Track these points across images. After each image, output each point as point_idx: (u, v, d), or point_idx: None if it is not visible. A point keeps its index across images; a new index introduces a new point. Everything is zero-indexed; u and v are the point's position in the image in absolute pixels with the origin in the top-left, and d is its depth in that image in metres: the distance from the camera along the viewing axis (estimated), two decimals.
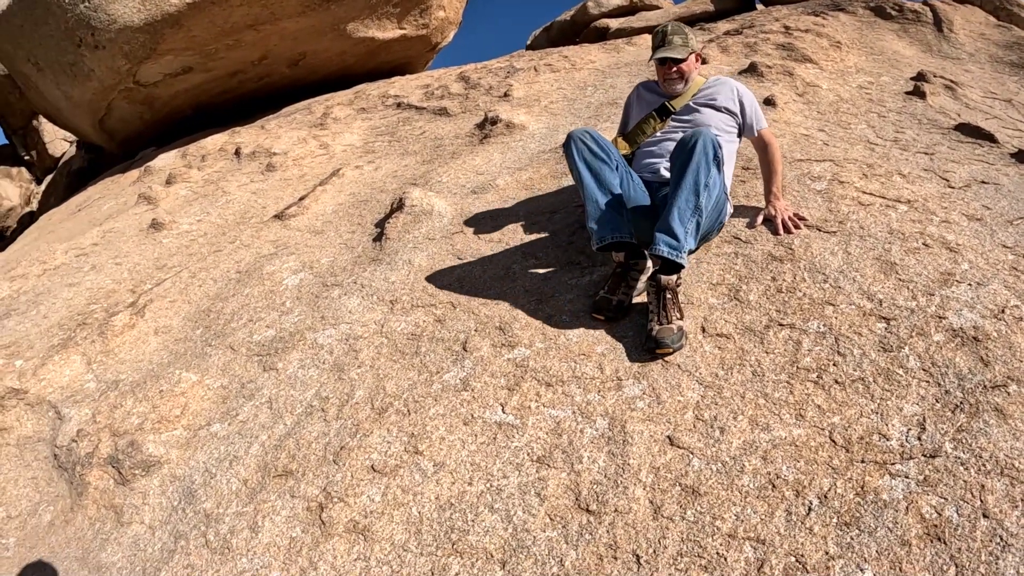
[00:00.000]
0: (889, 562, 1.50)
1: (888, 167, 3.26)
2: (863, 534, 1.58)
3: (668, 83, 3.06)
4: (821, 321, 2.27)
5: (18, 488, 2.72)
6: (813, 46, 5.29)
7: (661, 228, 2.46)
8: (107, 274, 4.22)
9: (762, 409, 1.98)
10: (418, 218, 3.66)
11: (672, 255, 2.40)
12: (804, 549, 1.57)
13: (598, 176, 2.68)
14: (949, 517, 1.57)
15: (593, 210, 2.63)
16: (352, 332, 2.88)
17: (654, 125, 3.10)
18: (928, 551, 1.51)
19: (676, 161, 2.52)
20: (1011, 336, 2.05)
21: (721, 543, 1.63)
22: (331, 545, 1.97)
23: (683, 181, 2.45)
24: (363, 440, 2.27)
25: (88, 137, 9.34)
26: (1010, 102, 4.61)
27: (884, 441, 1.80)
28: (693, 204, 2.44)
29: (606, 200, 2.63)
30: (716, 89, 3.07)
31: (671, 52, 2.94)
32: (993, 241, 2.57)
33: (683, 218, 2.43)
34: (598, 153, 2.71)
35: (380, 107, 6.42)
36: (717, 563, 1.59)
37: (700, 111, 3.03)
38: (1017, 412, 1.79)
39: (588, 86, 5.55)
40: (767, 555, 1.58)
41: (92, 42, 6.69)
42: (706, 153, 2.44)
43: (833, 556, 1.54)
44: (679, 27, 3.01)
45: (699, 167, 2.43)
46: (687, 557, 1.62)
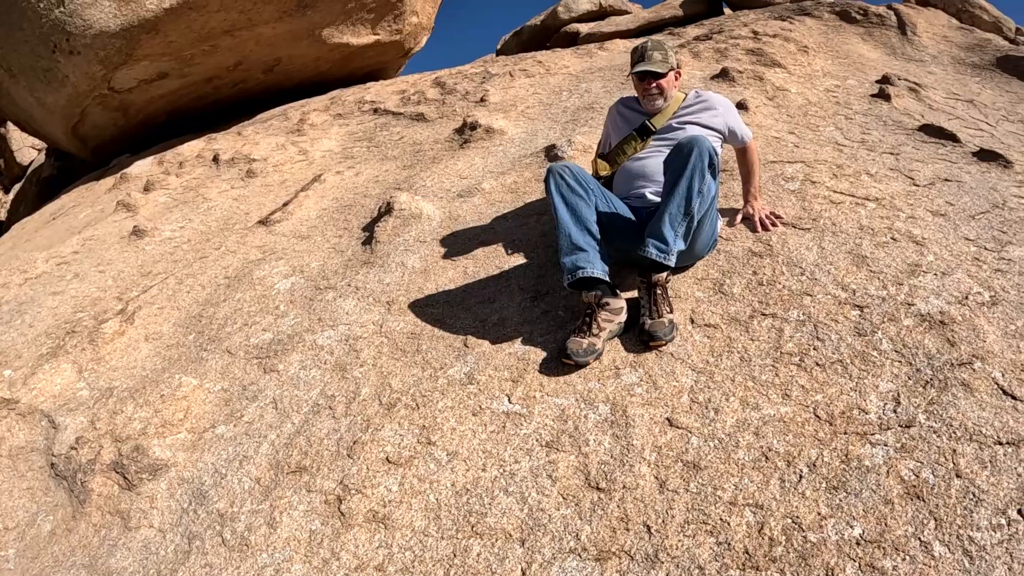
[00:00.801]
0: (875, 519, 1.72)
1: (856, 167, 3.53)
2: (850, 496, 1.79)
3: (648, 99, 3.10)
4: (800, 310, 2.50)
5: (13, 499, 2.73)
6: (782, 51, 5.60)
7: (651, 232, 2.56)
8: (91, 282, 4.27)
9: (751, 390, 2.20)
10: (407, 222, 3.81)
11: (660, 258, 2.53)
12: (799, 511, 1.78)
13: (574, 211, 2.70)
14: (926, 478, 1.79)
15: (566, 243, 2.66)
16: (351, 333, 3.02)
17: (635, 145, 3.14)
18: (909, 508, 1.73)
19: (671, 166, 2.59)
20: (974, 319, 2.29)
21: (723, 510, 1.83)
22: (352, 535, 2.09)
23: (677, 187, 2.53)
24: (376, 434, 2.41)
25: (61, 144, 9.28)
26: (972, 102, 4.94)
27: (863, 415, 2.02)
28: (684, 210, 2.53)
29: (580, 235, 2.65)
30: (698, 106, 3.12)
31: (651, 66, 3.00)
32: (956, 235, 2.84)
33: (673, 223, 2.53)
34: (575, 188, 2.74)
35: (357, 113, 6.56)
36: (721, 527, 1.79)
37: (683, 129, 3.06)
38: (982, 386, 2.03)
39: (563, 91, 5.78)
40: (766, 518, 1.78)
41: (67, 47, 6.70)
42: (702, 159, 2.51)
43: (825, 516, 1.75)
44: (659, 43, 3.09)
45: (694, 173, 2.51)
46: (693, 524, 1.82)
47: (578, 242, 2.63)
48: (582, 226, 2.66)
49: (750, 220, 3.07)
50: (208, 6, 6.64)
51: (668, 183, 2.59)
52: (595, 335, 2.51)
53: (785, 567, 1.66)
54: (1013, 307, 2.35)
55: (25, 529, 2.58)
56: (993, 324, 2.27)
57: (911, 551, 1.63)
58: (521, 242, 3.39)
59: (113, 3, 6.33)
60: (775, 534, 1.74)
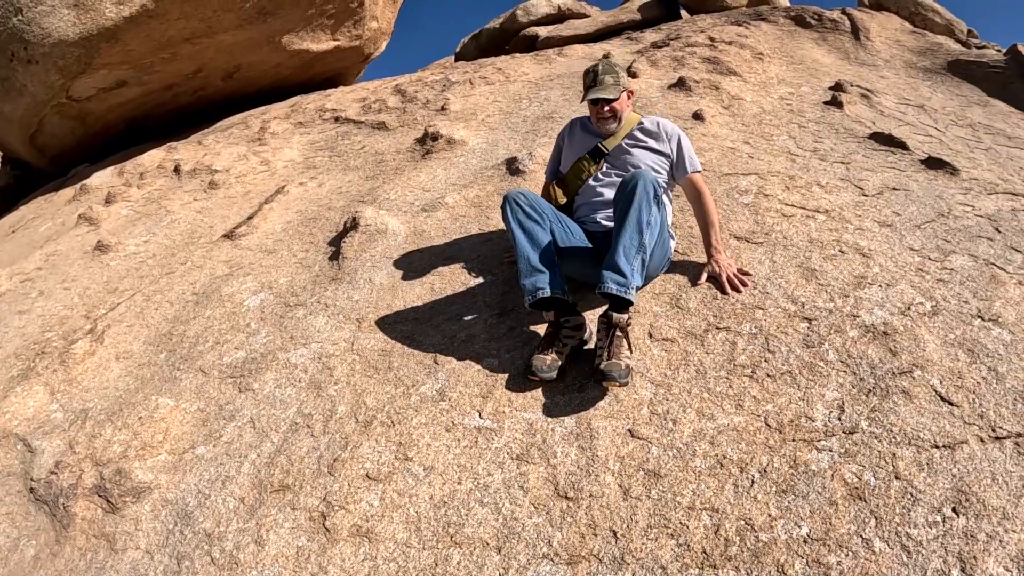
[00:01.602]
0: (821, 519, 1.94)
1: (808, 178, 3.78)
2: (798, 498, 2.01)
3: (601, 123, 3.23)
4: (753, 323, 2.72)
5: None
6: (737, 59, 5.86)
7: (608, 266, 2.63)
8: (57, 299, 4.34)
9: (707, 402, 2.41)
10: (373, 237, 3.96)
11: (620, 291, 2.57)
12: (751, 513, 2.00)
13: (531, 236, 2.85)
14: (867, 480, 2.01)
15: (525, 267, 2.79)
16: (324, 351, 3.17)
17: (588, 168, 3.26)
18: (852, 508, 1.95)
19: (618, 203, 2.72)
20: (916, 329, 2.53)
21: (683, 514, 2.04)
22: (338, 549, 2.25)
23: (627, 220, 2.64)
24: (354, 451, 2.57)
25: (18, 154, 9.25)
26: (922, 107, 5.25)
27: (810, 423, 2.25)
28: (637, 242, 2.64)
29: (537, 258, 2.79)
30: (649, 130, 3.24)
31: (603, 92, 3.11)
32: (902, 245, 3.09)
33: (628, 255, 2.62)
34: (531, 214, 2.88)
35: (318, 121, 6.67)
36: (681, 530, 2.00)
37: (631, 153, 3.20)
38: (921, 393, 2.26)
39: (523, 99, 5.97)
40: (722, 520, 2.00)
41: (25, 56, 6.72)
42: (647, 192, 2.64)
43: (775, 517, 1.97)
44: (610, 66, 3.19)
45: (640, 206, 2.63)
46: (656, 528, 2.02)
47: (536, 265, 2.77)
48: (539, 250, 2.82)
49: (716, 280, 3.02)
50: (168, 14, 6.72)
51: (618, 218, 2.70)
52: (558, 351, 2.66)
53: (740, 565, 1.87)
54: (953, 316, 2.59)
55: (8, 554, 2.64)
56: (933, 334, 2.51)
57: (854, 547, 1.85)
58: (486, 258, 3.57)
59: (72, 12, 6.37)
60: (730, 535, 1.95)
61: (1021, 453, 2.01)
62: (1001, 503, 1.88)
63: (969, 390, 2.26)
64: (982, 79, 5.90)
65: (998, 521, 1.83)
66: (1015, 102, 5.50)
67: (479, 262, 3.55)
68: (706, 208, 3.10)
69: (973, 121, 5.05)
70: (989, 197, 3.56)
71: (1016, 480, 1.93)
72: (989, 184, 3.74)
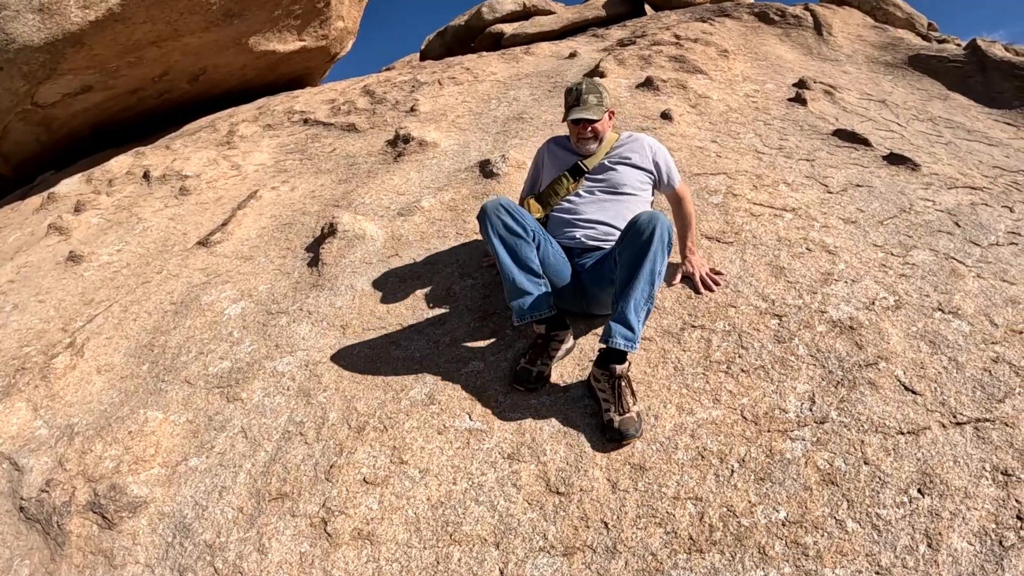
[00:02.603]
0: (797, 503, 2.15)
1: (775, 176, 4.01)
2: (775, 485, 2.22)
3: (582, 143, 3.24)
4: (726, 321, 2.93)
5: None
6: (703, 56, 6.09)
7: (618, 319, 2.57)
8: (32, 313, 4.39)
9: (685, 397, 2.62)
10: (351, 243, 4.10)
11: (628, 347, 2.55)
12: (732, 500, 2.20)
13: (514, 252, 2.82)
14: (838, 467, 2.23)
15: (511, 288, 2.80)
16: (310, 358, 3.29)
17: (567, 186, 3.26)
18: (825, 492, 2.16)
19: (631, 246, 2.62)
20: (880, 323, 2.76)
21: (669, 504, 2.24)
22: (341, 553, 2.37)
23: (640, 271, 2.56)
24: (350, 457, 2.71)
25: None
26: (884, 102, 5.52)
27: (784, 414, 2.46)
28: (648, 294, 2.59)
29: (525, 277, 2.79)
30: (630, 147, 3.26)
31: (586, 113, 3.11)
32: (866, 241, 3.32)
33: (638, 308, 2.57)
34: (513, 228, 2.83)
35: (287, 123, 6.76)
36: (668, 519, 2.20)
37: (615, 169, 3.21)
38: (886, 383, 2.50)
39: (492, 99, 6.14)
40: (705, 508, 2.20)
41: None
42: (663, 241, 2.58)
43: (755, 503, 2.18)
44: (593, 85, 3.19)
45: (656, 256, 2.57)
46: (644, 518, 2.22)
47: (523, 285, 2.78)
48: (524, 267, 2.81)
49: (690, 279, 3.18)
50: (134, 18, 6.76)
51: (629, 265, 2.61)
52: (543, 364, 2.78)
53: (724, 548, 2.07)
54: (915, 310, 2.84)
55: None
56: (896, 327, 2.75)
57: (828, 528, 2.06)
58: (465, 262, 3.73)
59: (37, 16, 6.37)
60: (714, 521, 2.15)
61: (980, 437, 2.25)
62: (963, 483, 2.11)
63: (931, 379, 2.49)
64: (943, 73, 6.20)
65: (960, 500, 2.06)
66: (975, 96, 5.81)
67: (459, 266, 3.71)
68: (686, 212, 3.25)
69: (934, 115, 5.34)
70: (949, 192, 3.81)
71: (976, 462, 2.16)
72: (949, 179, 3.99)
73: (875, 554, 1.97)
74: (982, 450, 2.20)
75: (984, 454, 2.19)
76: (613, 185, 3.19)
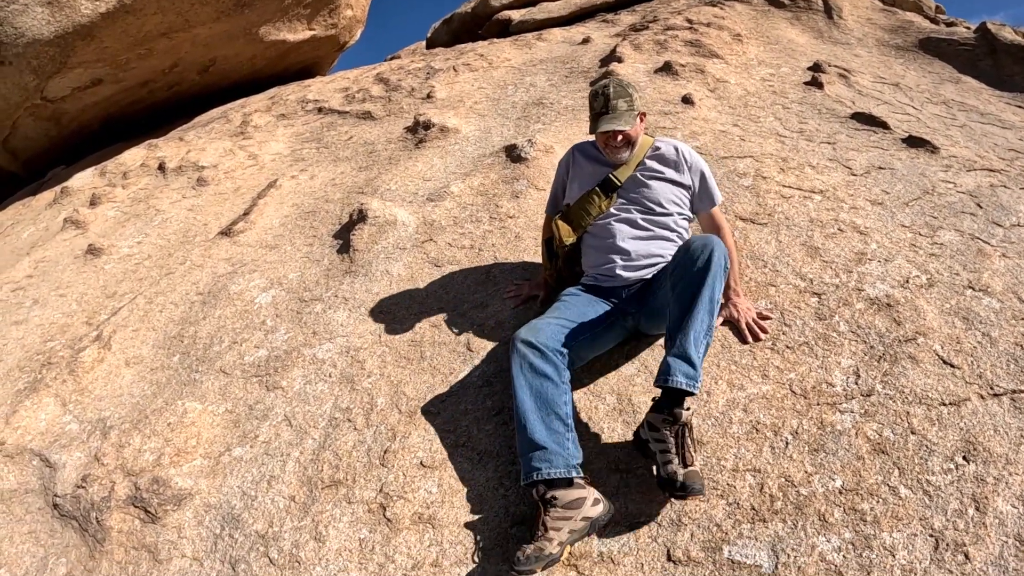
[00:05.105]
0: (851, 472, 2.26)
1: (799, 159, 4.11)
2: (829, 455, 2.33)
3: (612, 152, 2.99)
4: (767, 299, 3.04)
5: (15, 545, 2.82)
6: (718, 41, 6.19)
7: (677, 354, 2.35)
8: (54, 307, 4.43)
9: (735, 373, 2.72)
10: (383, 229, 4.17)
11: (690, 385, 2.31)
12: (790, 471, 2.31)
13: (539, 395, 2.48)
14: (887, 436, 2.35)
15: (523, 439, 2.42)
16: (350, 344, 3.36)
17: (599, 204, 3.01)
18: (877, 461, 2.28)
19: (685, 274, 2.47)
20: (915, 300, 2.88)
21: (728, 476, 2.35)
22: (402, 538, 2.41)
23: (699, 300, 2.40)
24: (404, 441, 2.77)
25: None
26: (897, 86, 5.64)
27: (831, 388, 2.58)
28: (707, 325, 2.41)
29: (541, 425, 2.41)
30: (667, 158, 3.02)
31: (617, 123, 2.84)
32: (894, 222, 3.44)
33: (698, 341, 2.37)
34: (541, 369, 2.52)
35: (300, 112, 6.82)
36: (729, 491, 2.31)
37: (649, 186, 2.97)
38: (926, 357, 2.61)
39: (508, 85, 6.22)
40: (764, 479, 2.31)
41: None
42: (719, 266, 2.43)
43: (811, 473, 2.29)
44: (622, 87, 2.90)
45: (714, 284, 2.42)
46: (706, 490, 2.32)
47: (536, 436, 2.38)
48: (547, 411, 2.44)
49: (734, 325, 2.93)
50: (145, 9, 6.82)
51: (684, 295, 2.45)
52: (545, 539, 2.17)
53: (786, 517, 2.18)
54: (947, 288, 2.95)
55: (37, 575, 2.69)
56: (931, 304, 2.86)
57: (883, 495, 2.18)
58: (501, 246, 3.81)
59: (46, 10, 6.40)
60: (774, 491, 2.27)
61: (1017, 407, 2.37)
62: (1004, 451, 2.23)
63: (967, 354, 2.61)
64: (953, 56, 6.32)
65: (1003, 466, 2.18)
66: (986, 79, 5.94)
67: (495, 250, 3.79)
68: (726, 243, 2.90)
69: (947, 98, 5.46)
70: (968, 174, 3.93)
71: (1015, 431, 2.29)
72: (967, 161, 4.11)
73: (928, 518, 2.09)
74: (1019, 419, 2.32)
75: (1021, 423, 2.31)
76: (649, 204, 2.96)
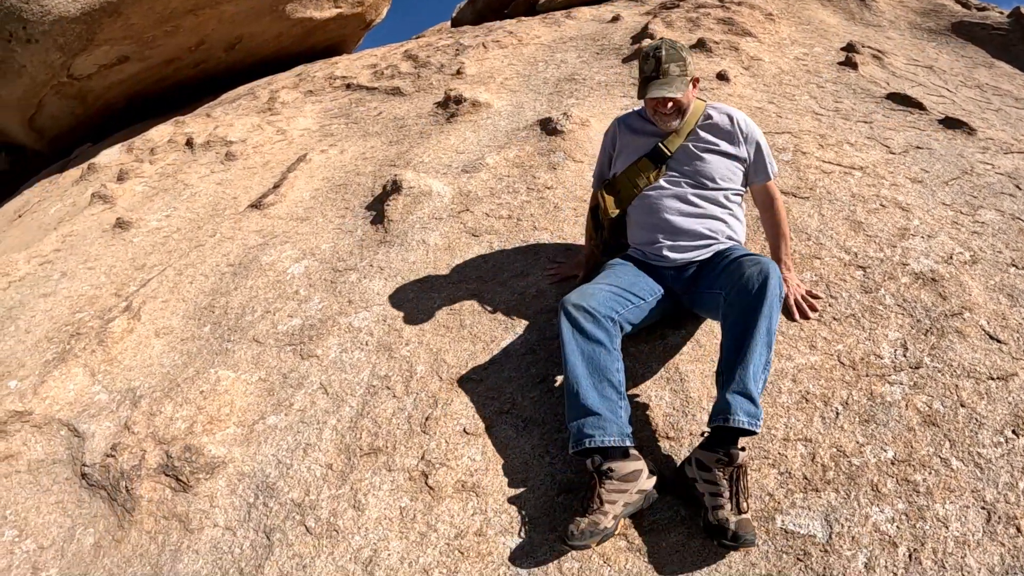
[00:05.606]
0: (903, 443, 2.25)
1: (837, 136, 4.09)
2: (880, 426, 2.32)
3: (662, 120, 2.82)
4: (813, 272, 3.03)
5: (42, 516, 2.79)
6: (750, 19, 6.15)
7: (737, 390, 2.20)
8: (83, 280, 4.43)
9: (783, 344, 2.71)
10: (417, 199, 4.16)
11: (752, 424, 2.16)
12: (841, 441, 2.30)
13: (591, 360, 2.40)
14: (937, 409, 2.34)
15: (573, 404, 2.36)
16: (387, 313, 3.34)
17: (648, 176, 2.86)
18: (928, 433, 2.27)
19: (739, 303, 2.36)
20: (960, 276, 2.87)
21: (779, 446, 2.34)
22: (445, 507, 2.38)
23: (755, 333, 2.27)
24: (447, 409, 2.75)
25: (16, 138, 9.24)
26: (931, 68, 5.59)
27: (879, 359, 2.57)
28: (766, 359, 2.27)
29: (593, 392, 2.34)
30: (720, 127, 2.84)
31: (668, 90, 2.66)
32: (935, 200, 3.42)
33: (756, 375, 2.22)
34: (593, 334, 2.44)
35: (328, 89, 6.82)
36: (780, 460, 2.30)
37: (703, 157, 2.81)
38: (972, 332, 2.61)
39: (539, 62, 6.20)
40: (815, 449, 2.30)
41: (24, 36, 6.76)
42: (775, 294, 2.33)
43: (862, 444, 2.28)
44: (675, 50, 2.70)
45: (772, 312, 2.31)
46: (757, 460, 2.32)
47: (589, 402, 2.32)
48: (600, 377, 2.38)
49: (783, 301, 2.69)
50: None
51: (739, 326, 2.33)
52: (600, 512, 2.13)
53: (839, 487, 2.17)
54: (990, 265, 2.95)
55: (64, 545, 2.66)
56: (976, 280, 2.86)
57: (935, 466, 2.17)
58: (540, 216, 3.79)
59: None
60: (825, 461, 2.26)
61: None
62: None
63: (1013, 329, 2.62)
64: (986, 41, 6.26)
65: None
66: (1019, 64, 5.88)
67: (534, 220, 3.77)
68: (779, 219, 2.85)
69: (981, 82, 5.41)
70: (1006, 156, 3.92)
71: None
72: (1004, 144, 4.09)
73: (980, 490, 2.09)
74: None
75: None
76: (701, 179, 2.80)
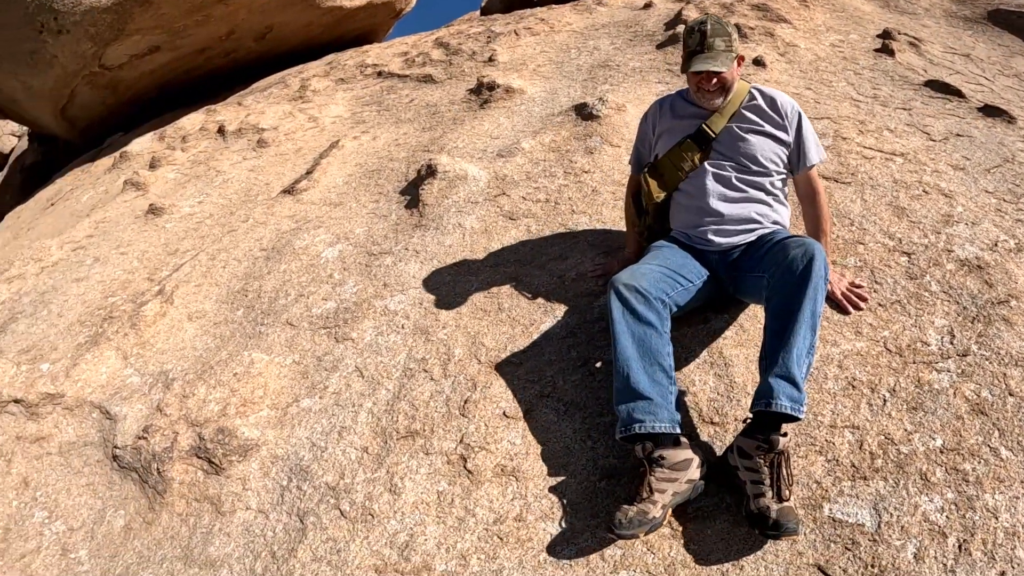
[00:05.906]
0: (951, 432, 2.22)
1: (877, 123, 4.03)
2: (928, 414, 2.29)
3: (705, 97, 2.75)
4: (856, 257, 3.00)
5: (73, 497, 2.80)
6: (785, 6, 6.08)
7: (780, 374, 2.16)
8: (115, 264, 4.47)
9: (828, 330, 2.68)
10: (453, 183, 4.15)
11: (795, 410, 2.12)
12: (888, 429, 2.28)
13: (642, 343, 2.36)
14: (985, 397, 2.31)
15: (623, 387, 2.31)
16: (423, 296, 3.33)
17: (692, 158, 2.79)
18: (976, 422, 2.24)
19: (783, 286, 2.32)
20: (1006, 264, 2.82)
21: (826, 432, 2.32)
22: (484, 491, 2.36)
23: (799, 316, 2.22)
24: (486, 392, 2.73)
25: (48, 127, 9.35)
26: (968, 56, 5.50)
27: (926, 346, 2.53)
28: (810, 343, 2.23)
29: (644, 376, 2.30)
30: (763, 109, 2.77)
31: (713, 64, 2.59)
32: (977, 187, 3.36)
33: (800, 360, 2.18)
34: (644, 316, 2.39)
35: (359, 77, 6.83)
36: (827, 447, 2.27)
37: (747, 139, 2.73)
38: (1019, 320, 2.56)
39: (571, 48, 6.18)
40: (863, 436, 2.27)
41: (55, 27, 6.82)
42: (820, 275, 2.27)
43: (911, 432, 2.25)
44: (720, 25, 2.63)
45: (817, 295, 2.26)
46: (804, 447, 2.30)
47: (640, 386, 2.27)
48: (650, 361, 2.34)
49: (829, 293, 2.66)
50: None
51: (783, 309, 2.28)
52: (648, 501, 2.10)
53: (887, 475, 2.15)
54: None
55: (94, 527, 2.67)
56: (1021, 268, 2.80)
57: (984, 456, 2.14)
58: (579, 200, 3.77)
59: None
60: (873, 449, 2.23)
61: None
62: None
63: None
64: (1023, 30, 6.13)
65: None
66: None
67: (572, 203, 3.75)
68: (820, 211, 2.78)
69: (1019, 71, 5.32)
70: None
71: None
72: None
73: None
74: None
75: None
76: (746, 162, 2.74)
